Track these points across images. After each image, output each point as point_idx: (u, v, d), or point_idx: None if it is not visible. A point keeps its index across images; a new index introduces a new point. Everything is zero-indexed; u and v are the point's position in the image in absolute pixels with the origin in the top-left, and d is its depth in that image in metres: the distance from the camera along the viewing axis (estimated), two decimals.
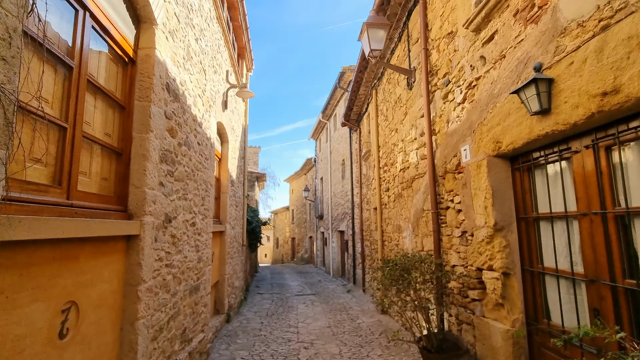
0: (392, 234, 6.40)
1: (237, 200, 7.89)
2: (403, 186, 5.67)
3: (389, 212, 6.66)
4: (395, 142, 6.14)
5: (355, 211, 10.85)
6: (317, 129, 17.70)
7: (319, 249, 18.26)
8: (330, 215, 14.92)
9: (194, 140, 4.00)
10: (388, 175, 6.74)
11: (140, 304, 2.46)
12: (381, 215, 7.28)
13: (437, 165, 4.12)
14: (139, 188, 2.57)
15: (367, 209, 9.17)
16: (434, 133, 4.25)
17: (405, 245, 5.55)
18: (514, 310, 2.77)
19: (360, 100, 9.08)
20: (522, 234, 2.83)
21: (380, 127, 7.34)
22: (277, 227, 32.54)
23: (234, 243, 7.39)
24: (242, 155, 8.94)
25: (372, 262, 8.46)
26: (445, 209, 3.97)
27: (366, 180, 9.19)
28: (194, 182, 3.98)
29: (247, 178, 18.21)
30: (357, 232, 10.67)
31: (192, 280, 3.95)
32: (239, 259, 8.26)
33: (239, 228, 8.16)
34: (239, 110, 8.20)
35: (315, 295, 9.82)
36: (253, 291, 10.58)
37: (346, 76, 11.60)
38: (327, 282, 12.81)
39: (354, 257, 10.88)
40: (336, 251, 13.96)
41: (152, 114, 2.69)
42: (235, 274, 7.62)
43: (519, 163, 2.84)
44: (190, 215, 3.86)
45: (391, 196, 6.48)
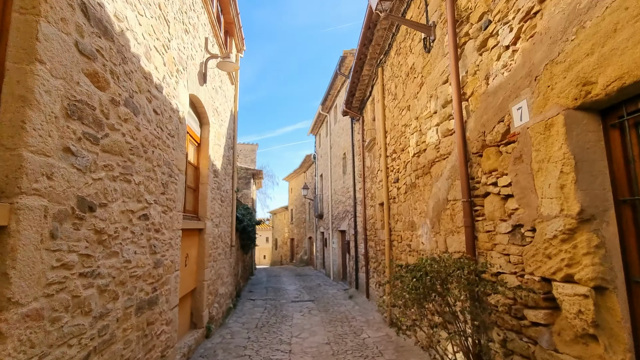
0: (403, 233, 5.39)
1: (223, 194, 6.90)
2: (417, 174, 4.66)
3: (399, 207, 5.65)
4: (406, 123, 5.14)
5: (358, 208, 9.84)
6: (317, 123, 16.70)
7: (319, 250, 17.24)
8: (331, 214, 13.91)
9: (147, 106, 3.01)
10: (397, 164, 5.73)
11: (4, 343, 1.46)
12: (388, 212, 6.27)
13: (470, 139, 3.12)
14: (13, 151, 1.57)
15: (371, 205, 8.16)
16: (464, 98, 3.25)
17: (421, 245, 4.54)
18: (616, 347, 1.76)
19: (364, 83, 8.08)
20: (625, 225, 1.82)
21: (388, 109, 6.34)
22: (275, 228, 31.51)
23: (218, 243, 6.39)
24: (230, 145, 7.94)
25: (378, 265, 7.44)
26: (482, 197, 2.96)
27: (370, 173, 8.18)
28: (146, 162, 2.98)
29: (243, 175, 17.25)
30: (360, 232, 9.67)
31: (143, 293, 2.95)
32: (226, 262, 7.26)
33: (225, 226, 7.16)
34: (225, 92, 7.21)
35: (314, 302, 8.80)
36: (245, 297, 9.57)
37: (347, 61, 10.61)
38: (327, 286, 11.79)
39: (357, 259, 9.87)
40: (337, 253, 12.94)
41: (41, 36, 1.69)
42: (221, 279, 6.62)
43: (618, 115, 1.84)
44: (139, 205, 2.86)
45: (401, 188, 5.48)
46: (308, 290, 10.97)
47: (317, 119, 16.17)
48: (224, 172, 7.04)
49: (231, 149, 8.02)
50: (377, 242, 7.53)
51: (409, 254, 5.11)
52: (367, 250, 8.63)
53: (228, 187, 7.51)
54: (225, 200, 7.16)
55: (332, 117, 14.10)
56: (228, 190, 7.51)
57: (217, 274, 6.25)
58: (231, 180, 7.94)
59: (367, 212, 8.70)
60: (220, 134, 6.68)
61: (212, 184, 5.88)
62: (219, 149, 6.44)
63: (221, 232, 6.67)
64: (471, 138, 3.10)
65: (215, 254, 6.15)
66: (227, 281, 7.38)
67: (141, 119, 2.87)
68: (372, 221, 8.05)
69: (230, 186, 7.76)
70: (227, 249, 7.37)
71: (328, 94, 13.38)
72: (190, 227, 4.68)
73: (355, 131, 10.23)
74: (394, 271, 3.29)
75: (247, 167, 16.64)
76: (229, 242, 7.67)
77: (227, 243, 7.47)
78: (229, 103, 7.60)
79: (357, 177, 9.89)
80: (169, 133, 3.57)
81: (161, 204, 3.35)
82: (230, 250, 7.80)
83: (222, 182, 6.72)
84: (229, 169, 7.71)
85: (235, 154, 8.21)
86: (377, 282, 7.49)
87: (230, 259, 7.80)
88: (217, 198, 6.32)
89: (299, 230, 23.46)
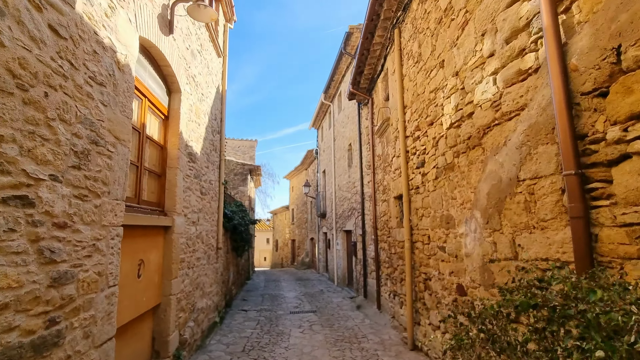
0: (433, 231, 4.12)
1: (204, 186, 5.65)
2: (457, 150, 3.40)
3: (425, 199, 4.38)
4: (438, 86, 3.88)
5: (366, 205, 8.58)
6: (319, 114, 15.45)
7: (321, 252, 15.97)
8: (334, 212, 12.64)
9: (28, 11, 1.76)
10: (422, 144, 4.47)
11: None
12: (409, 205, 5.00)
13: (578, 69, 1.85)
14: None
15: (383, 200, 6.90)
16: (563, 6, 1.99)
17: (463, 248, 3.27)
18: None
19: (374, 56, 6.82)
20: None
21: (407, 77, 5.07)
22: (276, 229, 30.26)
23: (197, 246, 5.14)
24: (217, 129, 6.70)
25: (393, 271, 6.17)
26: (605, 165, 1.70)
27: (382, 162, 6.92)
28: (23, 106, 1.74)
29: (239, 171, 16.03)
30: (368, 232, 8.40)
31: (19, 333, 1.70)
32: (209, 268, 6.00)
33: (208, 225, 5.91)
34: (209, 63, 5.97)
35: (316, 314, 7.54)
36: (237, 307, 8.31)
37: (354, 39, 9.36)
38: (330, 292, 10.52)
39: (365, 263, 8.60)
40: (341, 255, 11.67)
41: None
42: (201, 290, 5.36)
43: None
44: (3, 178, 1.61)
45: (429, 173, 4.21)
46: (309, 298, 9.70)
47: (320, 109, 14.92)
48: (206, 158, 5.80)
49: (218, 134, 6.78)
50: (391, 243, 6.26)
51: (442, 261, 3.84)
52: (377, 253, 7.37)
53: (213, 177, 6.26)
54: (208, 193, 5.92)
55: (336, 107, 12.84)
56: (213, 181, 6.26)
57: (194, 284, 5.00)
58: (217, 170, 6.69)
59: (377, 209, 7.43)
60: (201, 111, 5.44)
61: (187, 170, 4.63)
62: (197, 128, 5.20)
63: (201, 231, 5.42)
64: (581, 67, 1.83)
65: (192, 259, 4.90)
66: (211, 291, 6.13)
67: (7, 26, 1.63)
68: (385, 219, 6.79)
69: (216, 177, 6.52)
70: (210, 252, 6.12)
71: (331, 79, 12.13)
72: (147, 224, 3.44)
73: (363, 117, 8.97)
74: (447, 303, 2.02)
75: (244, 163, 15.42)
76: (214, 244, 6.42)
77: (212, 245, 6.23)
78: (213, 77, 6.36)
79: (366, 169, 8.63)
80: (93, 78, 2.33)
81: (72, 184, 2.10)
82: (216, 253, 6.55)
83: (202, 170, 5.48)
84: (214, 157, 6.46)
85: (223, 139, 6.97)
86: (392, 292, 6.22)
87: (215, 264, 6.55)
88: (195, 189, 5.07)
89: (300, 231, 22.19)
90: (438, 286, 3.97)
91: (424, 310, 4.50)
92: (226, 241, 7.85)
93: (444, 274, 3.78)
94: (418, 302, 4.71)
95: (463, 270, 3.30)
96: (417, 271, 4.75)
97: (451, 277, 3.59)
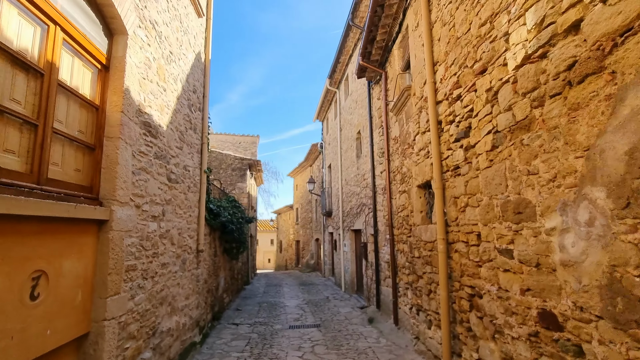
0: (487, 227, 2.82)
1: (176, 172, 4.44)
2: (541, 96, 2.11)
3: (471, 181, 3.10)
4: (497, 9, 2.60)
5: (379, 199, 7.30)
6: (324, 104, 14.19)
7: (327, 254, 14.70)
8: (341, 210, 11.37)
9: None
10: (466, 103, 3.18)
11: None
12: (443, 193, 3.71)
13: None
14: None
15: (401, 191, 5.62)
16: None
17: (559, 252, 1.98)
18: None
19: (390, 14, 5.55)
20: None
21: (440, 22, 3.79)
22: (280, 229, 29.04)
23: (162, 248, 3.91)
24: (197, 104, 5.49)
25: (416, 279, 4.89)
26: None
27: (400, 145, 5.64)
28: None
29: (238, 166, 14.79)
30: (381, 231, 7.12)
31: None
32: (185, 276, 4.78)
33: (182, 222, 4.69)
34: (182, 16, 4.74)
35: (320, 329, 6.27)
36: (227, 319, 7.08)
37: (363, 7, 8.07)
38: (337, 300, 9.24)
39: (377, 267, 7.31)
40: (349, 258, 10.39)
41: None
42: (169, 305, 4.13)
43: None
44: None
45: (480, 143, 2.92)
46: (313, 307, 8.43)
47: (324, 98, 13.66)
48: (178, 137, 4.58)
49: (199, 111, 5.55)
50: (413, 244, 4.98)
51: (505, 270, 2.55)
52: (394, 256, 6.08)
53: (190, 163, 5.04)
54: (183, 181, 4.70)
55: (342, 92, 11.58)
56: (190, 167, 5.04)
57: (157, 299, 3.77)
58: (198, 155, 5.47)
59: (393, 203, 6.15)
60: (169, 74, 4.23)
61: (141, 146, 3.41)
62: (161, 93, 3.98)
63: (170, 229, 4.19)
64: None
65: (153, 265, 3.67)
66: (188, 304, 4.90)
67: None
68: (403, 214, 5.51)
69: (195, 163, 5.29)
70: (187, 255, 4.89)
71: (337, 61, 10.87)
72: (56, 216, 2.21)
73: (374, 97, 7.70)
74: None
75: (243, 157, 14.21)
76: (193, 246, 5.19)
77: (189, 247, 5.00)
78: (190, 38, 5.13)
79: (377, 157, 7.35)
80: None
81: None
82: (196, 257, 5.33)
83: (170, 150, 4.26)
84: (192, 138, 5.24)
85: (206, 119, 5.74)
86: (415, 306, 4.93)
87: (195, 269, 5.32)
88: (158, 173, 3.85)
89: (305, 231, 20.94)
90: (496, 308, 2.69)
91: (468, 339, 3.21)
92: (213, 242, 6.63)
93: (510, 290, 2.49)
94: (458, 326, 3.42)
95: (555, 288, 2.01)
96: (455, 282, 3.47)
97: (526, 297, 2.30)
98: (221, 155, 14.02)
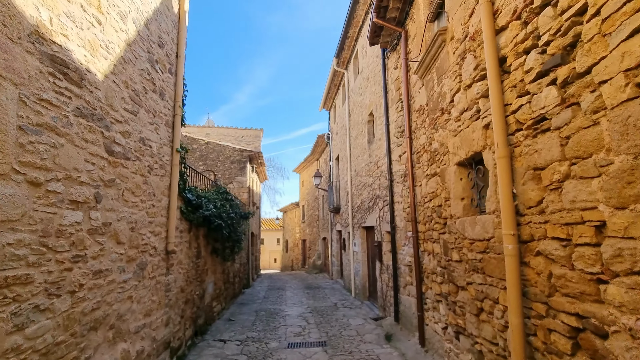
0: (621, 214, 1.53)
1: (125, 144, 3.23)
2: None
3: (575, 139, 1.80)
4: None
5: (396, 189, 6.02)
6: (330, 89, 12.91)
7: (335, 254, 13.45)
8: (350, 205, 10.10)
9: None
10: (563, 7, 1.89)
11: None
12: (510, 165, 2.41)
13: None
14: None
15: (430, 175, 4.33)
16: None
17: None
18: None
19: None
20: None
21: None
22: (286, 228, 27.84)
23: (92, 249, 2.71)
24: (166, 63, 4.29)
25: (455, 290, 3.60)
26: None
27: (429, 113, 4.35)
28: None
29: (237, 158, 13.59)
30: (400, 227, 5.84)
31: None
32: (144, 288, 3.57)
33: (141, 214, 3.48)
34: None
35: (325, 349, 5.02)
36: (215, 333, 5.88)
37: None
38: (346, 308, 7.97)
39: (395, 271, 6.03)
40: (360, 259, 9.12)
41: None
42: (112, 330, 2.92)
43: None
44: None
45: (603, 67, 1.64)
46: (318, 317, 7.18)
47: (331, 83, 12.39)
48: (131, 97, 3.37)
49: (169, 74, 4.34)
50: (449, 243, 3.69)
51: None
52: (418, 259, 4.81)
53: (152, 136, 3.83)
54: (139, 159, 3.49)
55: (351, 73, 10.30)
56: (152, 142, 3.84)
57: (87, 323, 2.56)
58: (168, 130, 4.26)
59: (417, 191, 4.87)
60: (113, 6, 3.02)
61: (44, 91, 2.20)
62: (94, 27, 2.76)
63: (109, 222, 2.98)
64: None
65: (74, 275, 2.46)
66: (150, 323, 3.69)
67: None
68: (433, 204, 4.23)
69: (161, 138, 4.09)
70: (147, 258, 3.68)
71: (345, 36, 9.59)
72: None
73: (391, 67, 6.41)
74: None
75: (242, 148, 13.02)
76: (160, 246, 3.98)
77: (152, 247, 3.79)
78: None
79: (395, 138, 6.06)
80: None
81: None
82: (164, 260, 4.12)
83: (110, 111, 3.04)
84: (156, 103, 4.03)
85: (180, 85, 4.53)
86: (453, 327, 3.64)
87: (164, 276, 4.12)
88: (83, 139, 2.65)
89: (311, 230, 19.70)
90: None
91: None
92: (194, 241, 5.42)
93: None
94: None
95: None
96: (537, 304, 2.18)
97: None
98: (219, 146, 12.86)
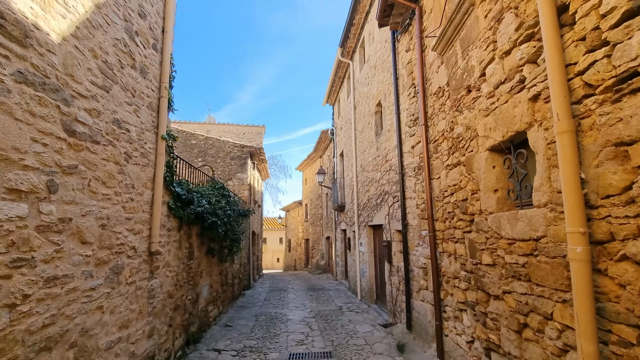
0: None
1: (97, 126, 2.70)
2: None
3: None
4: None
5: (409, 183, 5.45)
6: (335, 82, 12.35)
7: (339, 254, 12.90)
8: (356, 203, 9.53)
9: None
10: None
11: None
12: (576, 142, 1.86)
13: None
14: None
15: (451, 165, 3.77)
16: None
17: None
18: None
19: None
20: None
21: None
22: (289, 227, 27.31)
23: (47, 249, 2.18)
24: (152, 42, 3.75)
25: (485, 298, 3.03)
26: None
27: (451, 94, 3.78)
28: None
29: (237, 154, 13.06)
30: (413, 225, 5.27)
31: None
32: (120, 295, 3.04)
33: (116, 208, 2.96)
34: None
35: None
36: (209, 341, 5.35)
37: None
38: (352, 312, 7.42)
39: (407, 274, 5.46)
40: (367, 259, 8.56)
41: None
42: (71, 349, 2.40)
43: None
44: None
45: None
46: (322, 322, 6.64)
47: (335, 75, 11.82)
48: (102, 69, 2.83)
49: (153, 50, 3.81)
50: (478, 243, 3.13)
51: None
52: (436, 260, 4.24)
53: (130, 119, 3.30)
54: (112, 143, 2.96)
55: (357, 63, 9.74)
56: (130, 125, 3.30)
57: (37, 342, 2.04)
58: (153, 114, 3.73)
59: (434, 185, 4.31)
60: None
61: None
62: None
63: (69, 218, 2.45)
64: None
65: (13, 284, 1.95)
66: (128, 337, 3.16)
67: None
68: (455, 198, 3.66)
69: (142, 122, 3.55)
70: (124, 260, 3.15)
71: (350, 24, 9.02)
72: None
73: (402, 51, 5.83)
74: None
75: (243, 144, 12.49)
76: (140, 246, 3.45)
77: (131, 248, 3.26)
78: None
79: (407, 128, 5.49)
80: None
81: None
82: (146, 262, 3.59)
83: (72, 82, 2.50)
84: (137, 83, 3.49)
85: (166, 64, 4.00)
86: (484, 342, 3.08)
87: (147, 280, 3.59)
88: (29, 112, 2.12)
89: (314, 229, 19.16)
90: None
91: None
92: (186, 240, 4.89)
93: None
94: None
95: None
96: (618, 326, 1.62)
97: None
98: (218, 142, 12.34)
